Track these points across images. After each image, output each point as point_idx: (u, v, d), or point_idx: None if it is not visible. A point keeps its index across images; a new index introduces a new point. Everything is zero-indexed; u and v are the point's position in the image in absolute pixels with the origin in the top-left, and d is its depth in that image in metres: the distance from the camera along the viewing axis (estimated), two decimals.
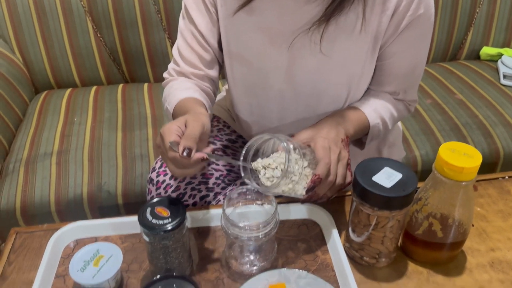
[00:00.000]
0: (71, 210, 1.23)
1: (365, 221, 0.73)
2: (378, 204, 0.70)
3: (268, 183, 0.72)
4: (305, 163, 0.73)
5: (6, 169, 1.31)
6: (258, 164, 0.74)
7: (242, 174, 0.73)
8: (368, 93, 0.97)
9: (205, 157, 0.69)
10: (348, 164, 0.79)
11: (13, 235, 0.84)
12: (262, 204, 0.78)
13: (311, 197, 0.76)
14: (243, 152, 0.73)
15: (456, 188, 0.70)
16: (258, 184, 0.73)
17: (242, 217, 0.76)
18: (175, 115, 0.88)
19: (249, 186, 0.75)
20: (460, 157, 0.68)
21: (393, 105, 0.96)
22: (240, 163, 0.73)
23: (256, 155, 0.75)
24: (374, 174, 0.71)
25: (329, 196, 0.79)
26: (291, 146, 0.71)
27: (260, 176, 0.74)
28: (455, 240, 0.76)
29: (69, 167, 1.29)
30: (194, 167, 0.71)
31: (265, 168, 0.74)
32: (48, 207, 1.22)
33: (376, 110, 0.92)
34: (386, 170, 0.72)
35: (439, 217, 0.73)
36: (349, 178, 0.79)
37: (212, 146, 0.73)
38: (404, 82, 0.95)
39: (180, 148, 0.68)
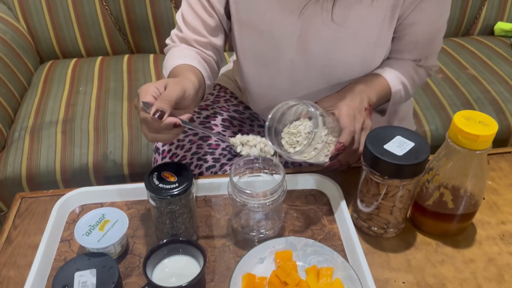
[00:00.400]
0: (76, 179, 1.23)
1: (374, 190, 0.72)
2: (388, 173, 0.68)
3: (291, 150, 0.72)
4: (328, 131, 0.72)
5: (12, 137, 1.30)
6: (284, 131, 0.74)
7: (267, 138, 0.72)
8: (388, 59, 0.95)
9: (177, 122, 0.66)
10: None
11: (18, 200, 0.84)
12: (269, 173, 0.76)
13: (333, 164, 0.76)
14: (269, 116, 0.72)
15: (470, 158, 0.68)
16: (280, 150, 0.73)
17: (249, 186, 0.75)
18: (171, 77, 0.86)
19: (256, 154, 0.74)
20: (475, 125, 0.66)
21: (414, 70, 0.94)
22: (266, 125, 0.72)
23: (279, 122, 0.75)
24: (386, 142, 0.70)
25: (350, 164, 0.79)
26: (318, 112, 0.69)
27: (283, 142, 0.73)
28: (466, 211, 0.74)
29: (74, 136, 1.28)
30: (166, 132, 0.68)
31: (289, 135, 0.73)
32: (53, 176, 1.22)
33: (398, 76, 0.90)
34: (398, 139, 0.70)
35: (450, 188, 0.71)
36: None
37: (189, 115, 0.70)
38: (425, 50, 0.93)
39: (152, 109, 0.65)
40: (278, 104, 0.73)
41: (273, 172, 0.75)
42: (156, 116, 0.65)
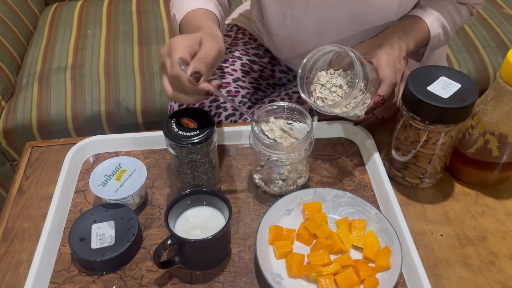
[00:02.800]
0: (89, 128, 1.18)
1: (413, 137, 0.66)
2: (431, 118, 0.61)
3: (324, 103, 0.66)
4: (367, 82, 0.65)
5: (20, 83, 1.24)
6: (318, 80, 0.67)
7: (299, 89, 0.66)
8: None
9: (211, 90, 0.59)
10: None
11: (28, 149, 0.79)
12: (293, 123, 0.70)
13: (368, 119, 0.70)
14: (302, 64, 0.66)
15: None
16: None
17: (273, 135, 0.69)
18: (182, 28, 0.77)
19: (280, 103, 0.68)
20: None
21: (456, 10, 0.84)
22: (298, 74, 0.66)
23: (310, 71, 0.68)
24: (429, 84, 0.62)
25: (385, 119, 0.72)
26: (359, 60, 0.62)
27: (314, 94, 0.67)
28: (510, 160, 0.68)
29: (84, 82, 1.22)
30: (194, 96, 0.61)
31: (322, 86, 0.67)
32: (65, 124, 1.17)
33: (438, 18, 0.81)
34: (443, 80, 0.63)
35: (497, 134, 0.65)
36: None
37: (219, 82, 0.62)
38: None
39: (190, 70, 0.58)
40: (301, 48, 0.65)
41: (297, 121, 0.69)
42: (193, 78, 0.57)
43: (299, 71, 0.66)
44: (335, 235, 0.63)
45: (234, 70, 0.97)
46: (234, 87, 0.94)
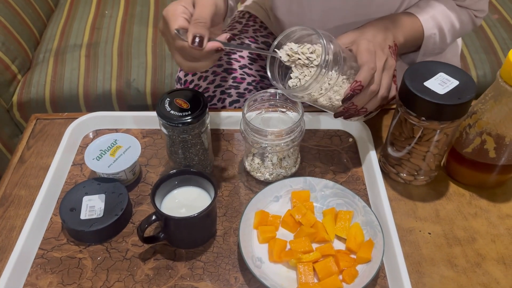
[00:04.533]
0: (99, 105, 1.21)
1: (408, 133, 0.65)
2: (426, 113, 0.61)
3: (293, 83, 0.62)
4: (343, 69, 0.62)
5: (37, 58, 1.28)
6: (287, 49, 0.62)
7: (267, 69, 0.62)
8: None
9: (220, 47, 0.57)
10: (394, 76, 0.67)
11: (33, 121, 0.82)
12: (287, 111, 0.69)
13: (347, 109, 0.64)
14: (273, 44, 0.62)
15: None
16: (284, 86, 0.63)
17: (264, 124, 0.69)
18: None
19: (272, 91, 0.67)
20: None
21: (455, 13, 0.81)
22: (268, 57, 0.62)
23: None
24: (426, 79, 0.61)
25: (368, 112, 0.66)
26: (331, 46, 0.58)
27: (291, 77, 0.64)
28: (508, 162, 0.66)
29: (98, 60, 1.24)
30: (206, 59, 0.59)
31: (294, 63, 0.62)
32: (77, 100, 1.20)
33: (434, 18, 0.78)
34: (441, 76, 0.62)
35: (494, 135, 0.63)
36: (393, 92, 0.66)
37: (227, 34, 0.60)
38: None
39: (190, 37, 0.56)
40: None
41: (291, 110, 0.69)
42: (196, 43, 0.56)
43: (274, 42, 0.62)
44: (319, 224, 0.63)
45: (242, 57, 0.97)
46: (240, 74, 0.94)
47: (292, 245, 0.60)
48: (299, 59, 0.60)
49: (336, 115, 0.66)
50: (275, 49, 0.62)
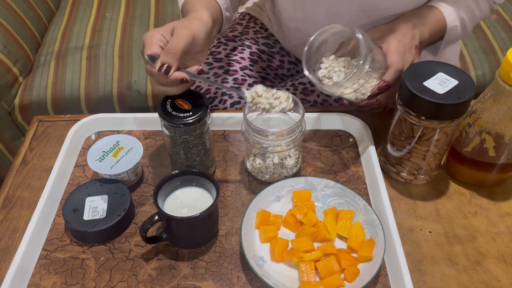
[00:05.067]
0: (101, 107, 1.21)
1: (408, 132, 0.65)
2: (426, 113, 0.61)
3: (328, 81, 0.65)
4: (372, 66, 0.64)
5: (38, 61, 1.28)
6: (326, 62, 0.67)
7: (304, 66, 0.64)
8: None
9: (185, 77, 0.61)
10: None
11: (35, 123, 0.82)
12: (288, 112, 0.70)
13: (370, 104, 0.70)
14: (308, 42, 0.65)
15: None
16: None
17: (265, 124, 0.70)
18: (183, 12, 0.77)
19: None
20: None
21: (475, 3, 0.81)
22: (304, 52, 0.64)
23: (317, 51, 0.67)
24: (426, 79, 0.62)
25: (388, 107, 0.72)
26: (366, 41, 0.60)
27: (319, 74, 0.67)
28: (508, 161, 0.67)
29: (99, 62, 1.25)
30: (173, 86, 0.63)
31: (328, 68, 0.66)
32: (78, 102, 1.20)
33: (457, 10, 0.79)
34: (440, 76, 0.62)
35: (493, 134, 0.64)
36: None
37: (199, 66, 0.64)
38: None
39: (158, 64, 0.60)
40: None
41: (292, 110, 0.69)
42: (162, 71, 0.60)
43: (305, 48, 0.65)
44: (321, 223, 0.63)
45: (243, 58, 0.97)
46: (241, 75, 0.95)
47: (294, 244, 0.61)
48: (260, 102, 0.63)
49: (359, 108, 0.74)
50: (244, 89, 0.67)
